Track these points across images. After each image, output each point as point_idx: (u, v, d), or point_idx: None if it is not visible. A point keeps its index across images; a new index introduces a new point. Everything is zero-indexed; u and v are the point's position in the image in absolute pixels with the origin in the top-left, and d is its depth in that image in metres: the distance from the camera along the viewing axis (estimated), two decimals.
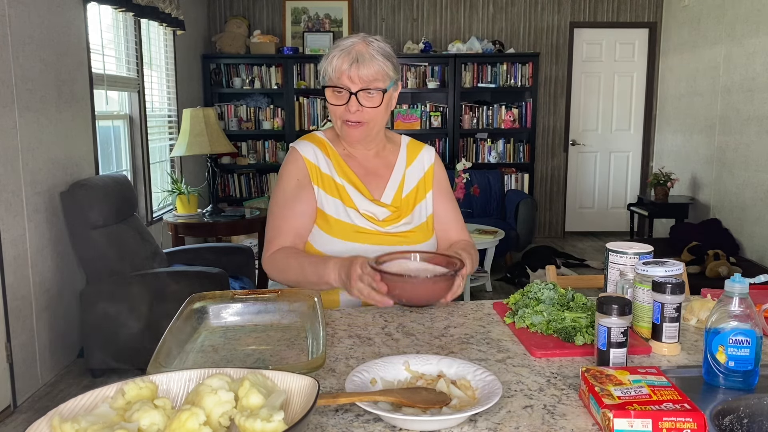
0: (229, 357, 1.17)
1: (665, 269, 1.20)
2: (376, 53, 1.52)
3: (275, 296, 1.35)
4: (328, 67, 1.53)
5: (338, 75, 1.51)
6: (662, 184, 5.54)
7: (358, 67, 1.50)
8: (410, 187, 1.68)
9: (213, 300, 1.33)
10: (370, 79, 1.51)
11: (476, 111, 6.35)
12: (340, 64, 1.51)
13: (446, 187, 1.75)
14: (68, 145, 3.46)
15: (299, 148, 1.64)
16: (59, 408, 0.81)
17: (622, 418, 0.84)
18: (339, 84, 1.52)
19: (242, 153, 6.34)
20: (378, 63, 1.52)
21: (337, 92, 1.53)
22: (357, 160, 1.66)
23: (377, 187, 1.65)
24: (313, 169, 1.62)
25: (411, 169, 1.70)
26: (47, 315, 3.22)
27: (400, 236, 1.61)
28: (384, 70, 1.53)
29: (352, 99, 1.52)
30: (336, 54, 1.52)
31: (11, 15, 2.94)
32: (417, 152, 1.73)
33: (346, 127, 1.56)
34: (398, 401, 0.94)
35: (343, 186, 1.61)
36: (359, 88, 1.51)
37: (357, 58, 1.50)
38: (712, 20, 5.44)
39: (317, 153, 1.63)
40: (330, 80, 1.53)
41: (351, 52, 1.51)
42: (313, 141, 1.66)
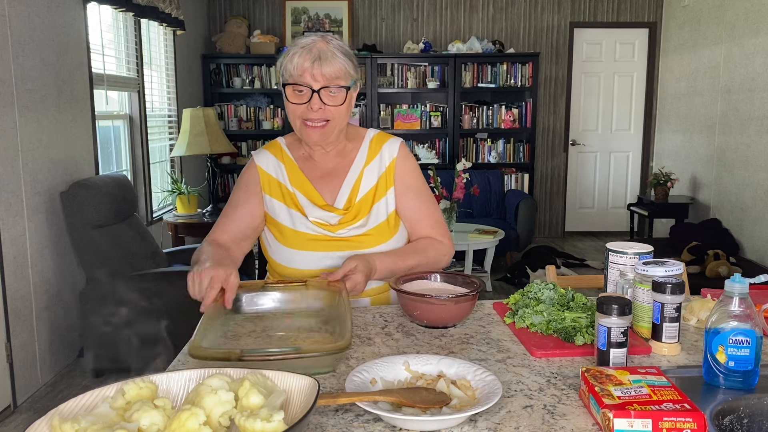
0: (262, 341, 1.25)
1: (665, 269, 1.20)
2: (337, 51, 1.49)
3: (304, 286, 1.41)
4: (288, 65, 1.49)
5: (300, 72, 1.47)
6: (662, 184, 5.54)
7: (320, 65, 1.46)
8: (368, 187, 1.61)
9: (245, 289, 1.39)
10: (332, 76, 1.47)
11: (476, 111, 6.35)
12: (301, 61, 1.47)
13: (413, 182, 1.64)
14: (68, 145, 3.46)
15: (256, 157, 1.65)
16: (59, 408, 0.81)
17: (622, 418, 0.84)
18: (300, 81, 1.47)
19: (242, 153, 6.34)
20: (340, 61, 1.48)
21: (297, 91, 1.49)
22: (315, 162, 1.63)
23: (331, 190, 1.61)
24: (265, 178, 1.61)
25: (370, 168, 1.62)
26: (47, 315, 3.22)
27: (353, 240, 1.56)
28: (346, 68, 1.49)
29: (315, 97, 1.47)
30: (297, 51, 1.48)
31: (11, 15, 2.94)
32: (379, 147, 1.65)
33: (305, 127, 1.52)
34: (398, 401, 0.94)
35: (294, 194, 1.59)
36: (321, 86, 1.47)
37: (319, 56, 1.46)
38: (712, 20, 5.44)
39: (270, 161, 1.63)
40: (291, 78, 1.49)
41: (313, 50, 1.47)
42: (271, 150, 1.65)
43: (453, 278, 1.45)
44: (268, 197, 1.61)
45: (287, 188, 1.60)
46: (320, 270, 1.53)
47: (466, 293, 1.33)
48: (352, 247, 1.56)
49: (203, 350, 1.03)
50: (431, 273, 1.47)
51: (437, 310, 1.31)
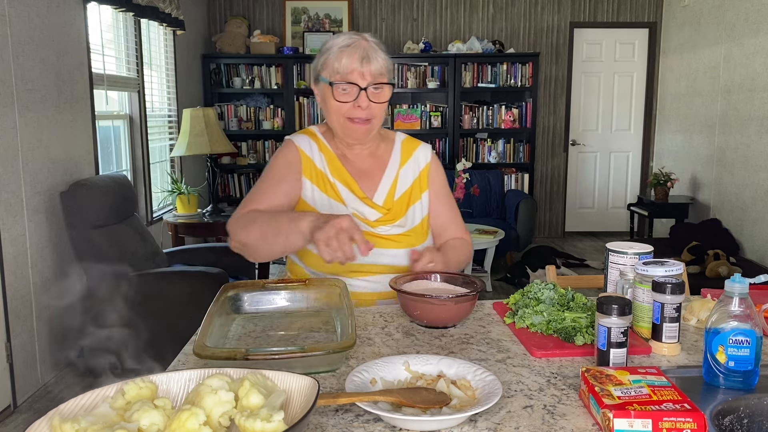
0: (262, 341, 1.25)
1: (665, 269, 1.20)
2: (378, 48, 1.53)
3: (303, 285, 1.41)
4: (334, 64, 1.50)
5: (348, 71, 1.49)
6: (662, 184, 5.54)
7: (368, 63, 1.49)
8: (404, 188, 1.64)
9: (245, 288, 1.39)
10: (377, 74, 1.51)
11: (476, 111, 6.35)
12: (350, 61, 1.49)
13: (443, 186, 1.71)
14: (68, 145, 3.46)
15: (296, 140, 1.63)
16: (59, 408, 0.81)
17: (622, 418, 0.84)
18: (349, 80, 1.50)
19: (242, 153, 6.34)
20: (382, 58, 1.52)
21: (342, 89, 1.51)
22: (350, 160, 1.64)
23: (369, 188, 1.62)
24: (307, 163, 1.60)
25: (405, 169, 1.66)
26: (47, 315, 3.22)
27: (393, 239, 1.58)
28: (387, 65, 1.54)
29: (362, 95, 1.50)
30: (343, 51, 1.50)
31: (11, 15, 2.94)
32: (412, 151, 1.69)
33: (350, 124, 1.53)
34: (398, 401, 0.94)
35: (335, 184, 1.59)
36: (368, 84, 1.50)
37: (366, 54, 1.49)
38: (712, 20, 5.44)
39: (313, 147, 1.62)
40: (339, 76, 1.50)
41: (358, 49, 1.50)
42: (309, 135, 1.64)
43: (453, 278, 1.45)
44: (309, 183, 1.59)
45: (328, 178, 1.59)
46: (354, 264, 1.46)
47: (466, 293, 1.33)
48: (390, 245, 1.56)
49: (208, 349, 1.03)
50: (431, 273, 1.47)
51: (437, 310, 1.30)
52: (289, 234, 1.38)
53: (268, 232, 1.42)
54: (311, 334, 1.28)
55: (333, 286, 1.40)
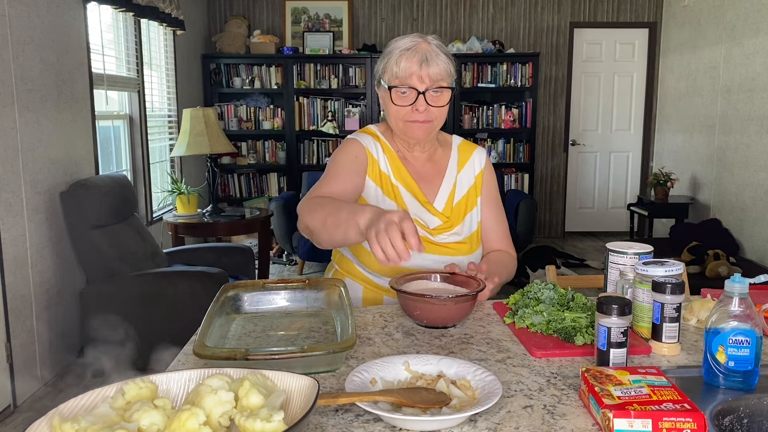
0: (262, 341, 1.25)
1: (665, 269, 1.20)
2: (439, 51, 1.51)
3: (303, 284, 1.42)
4: (393, 68, 1.50)
5: (407, 75, 1.48)
6: (662, 184, 5.54)
7: (427, 67, 1.48)
8: (461, 194, 1.62)
9: (245, 288, 1.39)
10: (437, 78, 1.49)
11: (476, 111, 6.35)
12: (409, 64, 1.48)
13: (496, 194, 1.69)
14: (68, 145, 3.46)
15: (362, 139, 1.60)
16: (59, 408, 0.81)
17: (622, 418, 0.84)
18: (407, 84, 1.49)
19: (242, 153, 6.34)
20: (443, 61, 1.50)
21: (401, 93, 1.50)
22: (409, 163, 1.61)
23: (430, 192, 1.60)
24: (372, 164, 1.58)
25: (462, 174, 1.64)
26: (47, 315, 3.22)
27: (450, 247, 1.55)
28: (449, 68, 1.52)
29: (420, 99, 1.49)
30: (403, 54, 1.49)
31: (11, 15, 2.94)
32: (468, 155, 1.67)
33: (409, 125, 1.53)
34: (398, 401, 0.94)
35: (398, 187, 1.57)
36: (426, 88, 1.49)
37: (425, 58, 1.48)
38: (712, 20, 5.44)
39: (378, 148, 1.60)
40: (397, 80, 1.50)
41: (418, 52, 1.48)
42: (372, 135, 1.62)
43: (453, 278, 1.45)
44: (372, 184, 1.57)
45: (391, 180, 1.58)
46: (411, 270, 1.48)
47: (466, 293, 1.32)
48: (448, 253, 1.54)
49: (208, 349, 1.03)
50: (432, 273, 1.46)
51: (437, 310, 1.30)
52: (348, 227, 1.28)
53: (330, 222, 1.34)
54: (311, 334, 1.28)
55: (333, 286, 1.40)
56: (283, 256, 5.79)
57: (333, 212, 1.33)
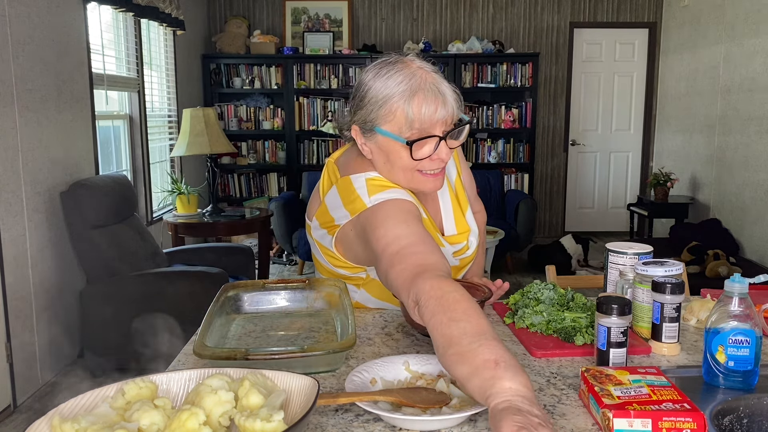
0: (262, 341, 1.25)
1: (665, 269, 1.20)
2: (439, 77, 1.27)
3: (303, 284, 1.41)
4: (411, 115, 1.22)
5: (431, 123, 1.23)
6: (662, 184, 5.54)
7: (444, 107, 1.23)
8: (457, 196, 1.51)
9: (245, 288, 1.39)
10: (454, 116, 1.26)
11: (476, 111, 6.35)
12: (430, 111, 1.22)
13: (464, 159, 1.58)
14: (68, 145, 3.46)
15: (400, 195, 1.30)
16: (59, 408, 0.81)
17: (621, 418, 0.84)
18: (430, 133, 1.24)
19: (242, 153, 6.34)
20: (450, 89, 1.26)
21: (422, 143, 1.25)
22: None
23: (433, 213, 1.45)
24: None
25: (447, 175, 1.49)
26: (47, 315, 3.22)
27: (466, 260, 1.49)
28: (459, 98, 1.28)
29: (442, 145, 1.26)
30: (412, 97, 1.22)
31: (11, 15, 2.94)
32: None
33: (421, 176, 1.29)
34: (398, 401, 0.94)
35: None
36: (447, 131, 1.26)
37: (441, 95, 1.23)
38: (712, 20, 5.44)
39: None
40: (419, 131, 1.24)
41: (432, 90, 1.23)
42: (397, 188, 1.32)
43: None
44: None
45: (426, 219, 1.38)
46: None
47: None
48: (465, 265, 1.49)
49: (208, 349, 1.03)
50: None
51: None
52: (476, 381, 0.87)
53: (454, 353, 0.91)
54: (311, 334, 1.28)
55: (333, 286, 1.40)
56: (283, 256, 5.79)
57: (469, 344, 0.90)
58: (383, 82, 1.26)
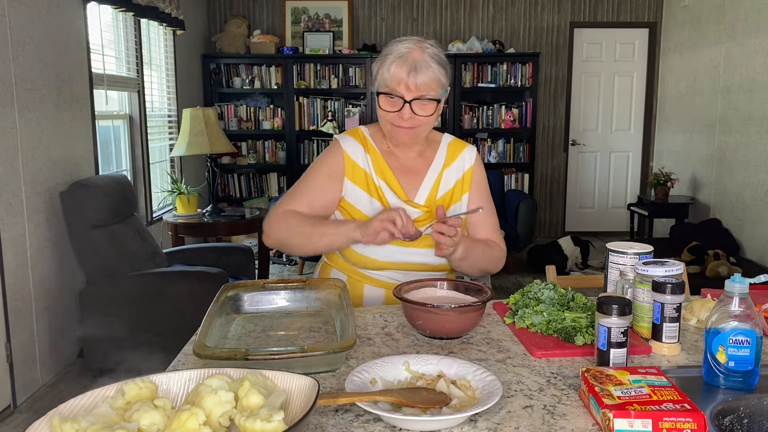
0: (262, 341, 1.25)
1: (665, 269, 1.20)
2: (431, 60, 1.51)
3: (303, 284, 1.43)
4: (385, 73, 1.53)
5: (395, 82, 1.51)
6: (662, 184, 5.53)
7: (415, 76, 1.49)
8: (446, 189, 1.66)
9: (245, 288, 1.40)
10: (425, 88, 1.50)
11: (476, 111, 6.35)
12: (397, 71, 1.50)
13: (485, 189, 1.73)
14: (68, 145, 3.46)
15: (342, 142, 1.65)
16: (59, 408, 0.81)
17: (622, 418, 0.84)
18: (394, 92, 1.52)
19: (242, 153, 6.34)
20: (433, 71, 1.51)
21: (390, 98, 1.53)
22: (397, 157, 1.66)
23: (412, 186, 1.64)
24: (350, 165, 1.62)
25: (449, 170, 1.67)
26: (47, 315, 3.22)
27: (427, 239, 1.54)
28: (438, 77, 1.52)
29: (406, 107, 1.51)
30: (393, 60, 1.51)
31: (11, 15, 2.94)
32: (458, 152, 1.70)
33: (395, 128, 1.57)
34: (398, 401, 0.94)
35: (380, 187, 1.61)
36: (413, 97, 1.51)
37: (414, 67, 1.49)
38: (712, 20, 5.44)
39: (358, 149, 1.64)
40: (386, 87, 1.53)
41: (408, 60, 1.50)
42: (356, 137, 1.66)
43: (461, 286, 1.40)
44: (351, 184, 1.62)
45: (372, 178, 1.62)
46: (394, 263, 1.58)
47: (470, 303, 1.26)
48: (429, 245, 1.55)
49: (208, 349, 1.03)
50: (438, 281, 1.42)
51: (440, 320, 1.24)
52: (336, 240, 1.54)
53: (314, 237, 1.55)
54: (311, 334, 1.28)
55: (333, 286, 1.40)
56: (283, 256, 5.79)
57: (315, 230, 1.55)
58: (392, 45, 1.55)
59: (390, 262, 1.58)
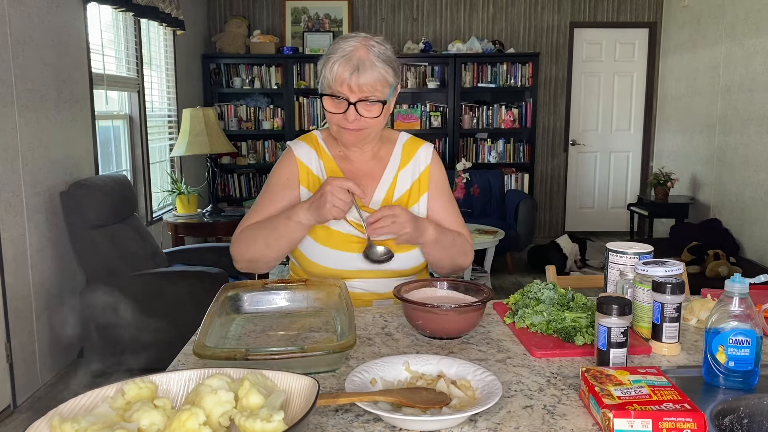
0: (262, 341, 1.25)
1: (665, 269, 1.20)
2: (376, 59, 1.45)
3: (303, 284, 1.42)
4: (327, 73, 1.46)
5: (339, 83, 1.44)
6: (662, 184, 5.53)
7: (358, 76, 1.43)
8: (402, 190, 1.62)
9: (245, 288, 1.40)
10: (369, 89, 1.44)
11: (476, 111, 6.35)
12: (341, 71, 1.43)
13: (444, 186, 1.68)
14: (68, 145, 3.46)
15: (295, 148, 1.61)
16: (59, 408, 0.81)
17: (622, 418, 0.84)
18: (338, 93, 1.45)
19: (242, 153, 6.34)
20: (378, 70, 1.45)
21: (334, 100, 1.47)
22: (351, 161, 1.62)
23: (367, 191, 1.58)
24: (304, 171, 1.59)
25: (404, 171, 1.63)
26: (47, 315, 3.22)
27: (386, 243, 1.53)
28: (384, 77, 1.46)
29: (350, 109, 1.45)
30: (336, 60, 1.44)
31: (11, 15, 2.94)
32: (413, 152, 1.65)
33: (342, 130, 1.51)
34: (398, 401, 0.94)
35: None
36: (358, 99, 1.45)
37: (358, 66, 1.43)
38: (712, 20, 5.44)
39: (311, 154, 1.60)
40: (329, 87, 1.47)
41: (352, 59, 1.43)
42: (309, 142, 1.63)
43: (461, 286, 1.40)
44: (306, 191, 1.58)
45: None
46: (351, 271, 1.54)
47: (470, 303, 1.26)
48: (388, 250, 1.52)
49: (208, 349, 1.03)
50: (438, 280, 1.41)
51: (439, 320, 1.24)
52: (291, 231, 1.47)
53: (272, 240, 1.49)
54: (311, 334, 1.28)
55: (333, 286, 1.40)
56: None
57: (270, 231, 1.49)
58: (338, 43, 1.49)
59: (342, 270, 1.53)
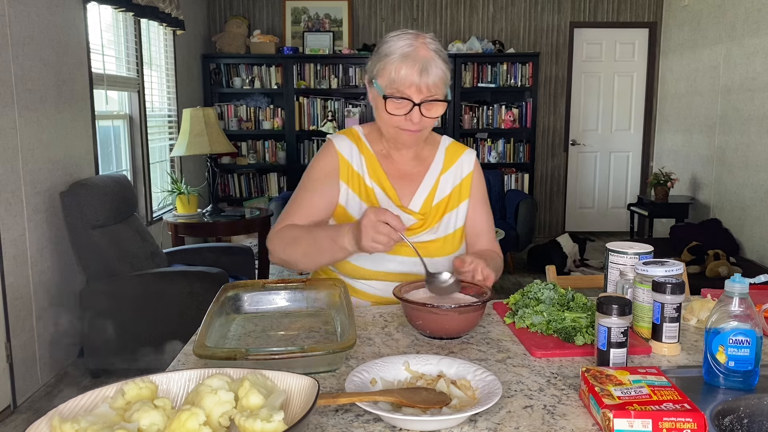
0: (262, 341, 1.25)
1: (665, 269, 1.20)
2: (438, 58, 1.43)
3: (303, 284, 1.42)
4: (392, 74, 1.42)
5: (407, 85, 1.42)
6: (662, 184, 5.53)
7: (426, 76, 1.41)
8: (443, 194, 1.60)
9: (245, 288, 1.40)
10: (434, 88, 1.43)
11: (476, 111, 6.35)
12: (409, 73, 1.40)
13: (483, 195, 1.67)
14: (68, 145, 3.46)
15: (336, 142, 1.59)
16: (59, 408, 0.81)
17: (622, 418, 0.84)
18: (404, 95, 1.43)
19: (242, 153, 6.34)
20: (441, 69, 1.43)
21: (396, 101, 1.44)
22: (393, 161, 1.59)
23: (408, 191, 1.58)
24: (345, 166, 1.56)
25: (446, 176, 1.61)
26: (47, 315, 3.22)
27: (424, 246, 1.52)
28: (446, 75, 1.45)
29: (415, 110, 1.43)
30: (399, 61, 1.41)
31: (11, 15, 2.94)
32: (456, 157, 1.64)
33: (401, 132, 1.49)
34: (398, 401, 0.94)
35: (373, 189, 1.56)
36: (423, 99, 1.43)
37: (425, 67, 1.41)
38: (712, 20, 5.44)
39: (353, 150, 1.58)
40: (394, 90, 1.43)
41: (417, 60, 1.41)
42: (350, 137, 1.60)
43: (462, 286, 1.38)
44: (345, 186, 1.56)
45: (365, 182, 1.56)
46: (384, 272, 1.52)
47: (470, 303, 1.26)
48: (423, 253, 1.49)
49: (208, 349, 1.03)
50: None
51: (440, 320, 1.24)
52: (334, 252, 1.44)
53: (311, 252, 1.47)
54: (311, 334, 1.28)
55: (333, 286, 1.40)
56: None
57: (311, 243, 1.46)
58: (392, 42, 1.45)
59: (377, 271, 1.53)
